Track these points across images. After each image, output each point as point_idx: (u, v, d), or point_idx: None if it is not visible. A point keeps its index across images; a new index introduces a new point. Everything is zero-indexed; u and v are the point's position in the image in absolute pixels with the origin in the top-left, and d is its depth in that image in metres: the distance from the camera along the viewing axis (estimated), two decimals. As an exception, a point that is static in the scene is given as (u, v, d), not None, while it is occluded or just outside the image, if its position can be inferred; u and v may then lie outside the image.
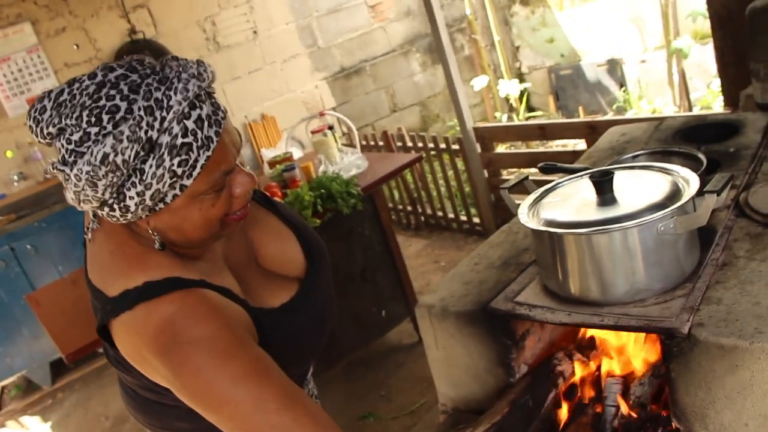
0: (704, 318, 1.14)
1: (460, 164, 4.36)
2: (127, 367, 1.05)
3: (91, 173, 0.86)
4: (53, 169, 0.91)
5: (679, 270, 1.24)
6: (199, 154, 0.90)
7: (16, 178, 4.53)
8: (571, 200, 1.35)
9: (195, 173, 0.91)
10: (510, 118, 6.16)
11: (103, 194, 0.89)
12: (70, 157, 0.88)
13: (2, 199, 4.45)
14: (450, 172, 4.46)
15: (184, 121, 0.89)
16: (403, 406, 2.99)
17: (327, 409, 1.38)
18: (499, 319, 1.40)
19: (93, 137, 0.86)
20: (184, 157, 0.89)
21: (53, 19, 4.60)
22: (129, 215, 0.93)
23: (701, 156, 1.58)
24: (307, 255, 1.23)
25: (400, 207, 5.00)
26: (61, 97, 0.89)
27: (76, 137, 0.87)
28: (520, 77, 6.72)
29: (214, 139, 0.92)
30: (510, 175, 4.37)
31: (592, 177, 1.30)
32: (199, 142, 0.90)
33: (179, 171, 0.89)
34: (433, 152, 4.46)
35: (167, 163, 0.88)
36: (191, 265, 1.03)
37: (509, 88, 5.85)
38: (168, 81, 0.90)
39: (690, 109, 4.60)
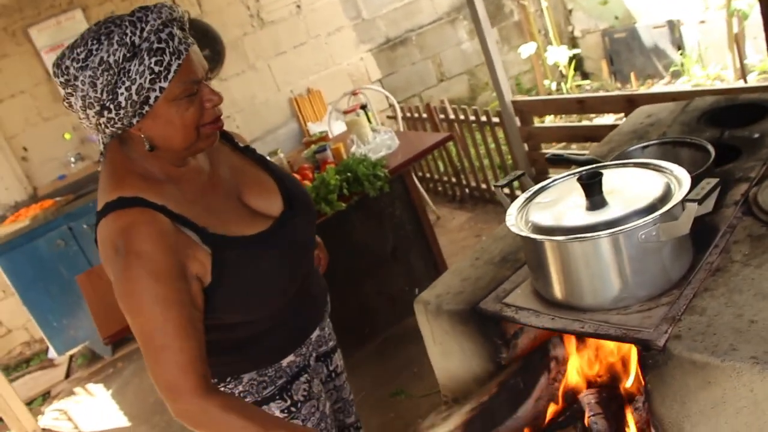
0: (683, 330, 1.11)
1: (501, 136, 4.29)
2: None
3: (92, 75, 1.11)
4: (62, 84, 1.15)
5: (665, 277, 1.21)
6: (171, 59, 1.14)
7: (73, 159, 4.76)
8: (561, 201, 1.33)
9: (170, 76, 1.14)
10: (559, 86, 5.98)
11: (101, 94, 1.12)
12: (78, 72, 1.12)
13: (61, 180, 4.69)
14: (492, 145, 4.40)
15: (159, 33, 1.13)
16: (434, 383, 3.00)
17: (361, 385, 1.47)
18: (489, 319, 1.40)
19: (94, 51, 1.11)
20: (159, 58, 1.12)
21: (102, 4, 4.75)
22: (122, 113, 1.15)
23: (710, 148, 1.51)
24: (286, 202, 1.42)
25: (445, 179, 4.98)
26: (74, 42, 1.15)
27: (82, 55, 1.11)
28: (573, 41, 6.49)
29: (183, 51, 1.16)
30: (549, 149, 4.28)
31: (580, 179, 1.27)
32: (172, 49, 1.14)
33: (156, 69, 1.12)
34: (474, 125, 4.40)
35: (147, 62, 1.12)
36: (161, 190, 1.24)
37: (558, 54, 5.67)
38: (147, 8, 1.15)
39: (744, 76, 4.34)
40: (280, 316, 1.41)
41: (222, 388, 1.39)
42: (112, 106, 1.14)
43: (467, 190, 4.79)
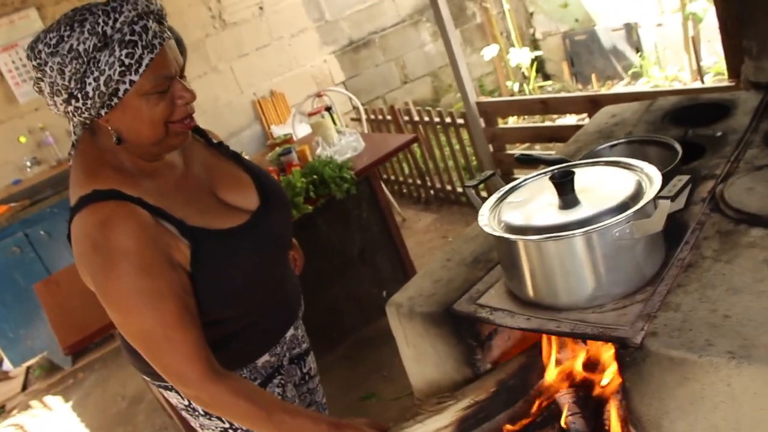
0: (659, 327, 1.11)
1: (466, 137, 4.31)
2: None
3: (60, 62, 1.08)
4: (34, 67, 1.13)
5: (639, 274, 1.21)
6: (144, 53, 1.10)
7: (29, 163, 4.61)
8: (533, 201, 1.32)
9: (141, 70, 1.11)
10: (522, 87, 6.04)
11: (69, 83, 1.10)
12: (48, 57, 1.09)
13: (17, 185, 4.53)
14: (457, 146, 4.41)
15: (133, 25, 1.10)
16: (405, 386, 2.98)
17: (329, 390, 1.46)
18: (464, 321, 1.39)
19: (65, 38, 1.08)
20: (130, 50, 1.09)
21: (58, 3, 4.61)
22: (89, 103, 1.12)
23: (677, 146, 1.53)
24: (262, 197, 1.41)
25: (410, 181, 4.97)
26: (50, 26, 1.13)
27: (54, 41, 1.09)
28: (534, 44, 6.57)
29: (157, 46, 1.12)
30: (514, 149, 4.31)
31: (552, 178, 1.26)
32: (144, 43, 1.11)
33: (127, 62, 1.09)
34: (439, 126, 4.41)
35: (117, 53, 1.08)
36: (137, 183, 1.21)
37: (520, 56, 5.72)
38: None
39: (701, 77, 4.45)
40: (256, 314, 1.40)
41: None
42: (79, 96, 1.12)
43: (432, 192, 4.80)
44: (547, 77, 6.53)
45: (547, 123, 4.69)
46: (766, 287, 1.12)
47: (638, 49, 5.69)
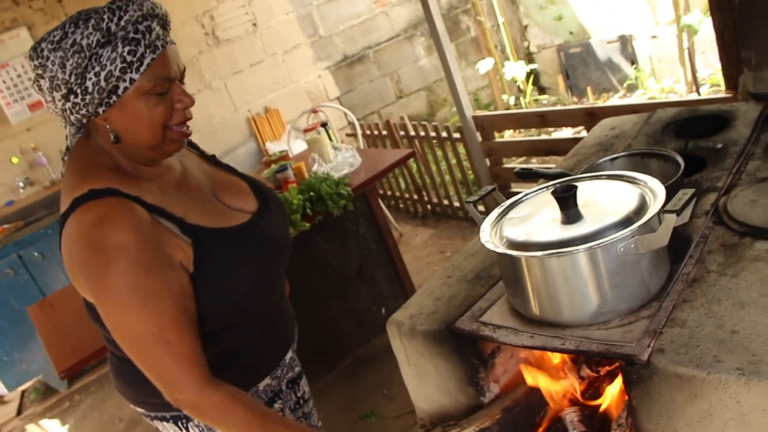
0: (666, 343, 1.09)
1: (463, 152, 4.29)
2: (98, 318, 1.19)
3: (62, 56, 1.08)
4: (35, 66, 1.12)
5: (644, 289, 1.19)
6: (146, 51, 1.10)
7: (21, 184, 4.57)
8: (535, 216, 1.31)
9: (142, 68, 1.11)
10: (517, 101, 6.04)
11: (69, 77, 1.09)
12: (50, 53, 1.09)
13: (9, 206, 4.49)
14: (453, 161, 4.40)
15: (137, 24, 1.11)
16: (405, 404, 2.96)
17: (329, 408, 1.41)
18: (466, 339, 1.36)
19: (69, 34, 1.09)
20: (133, 48, 1.09)
21: (49, 23, 4.60)
22: (88, 98, 1.10)
23: (679, 159, 1.51)
24: (260, 201, 1.41)
25: (407, 196, 4.95)
26: (54, 27, 1.13)
27: (57, 37, 1.09)
28: (529, 57, 6.58)
29: (160, 47, 1.13)
30: (511, 163, 4.30)
31: (554, 192, 1.25)
32: (147, 42, 1.11)
33: (129, 59, 1.09)
34: (435, 141, 4.40)
35: (120, 50, 1.09)
36: (134, 183, 1.19)
37: (515, 70, 5.73)
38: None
39: (697, 89, 4.45)
40: (258, 327, 1.37)
41: (197, 420, 1.34)
42: (78, 91, 1.11)
43: (429, 207, 4.77)
44: (542, 90, 6.54)
45: (544, 136, 4.69)
46: (773, 301, 1.10)
47: (633, 61, 5.70)
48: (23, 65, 4.52)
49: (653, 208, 1.15)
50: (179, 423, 1.37)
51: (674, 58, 5.15)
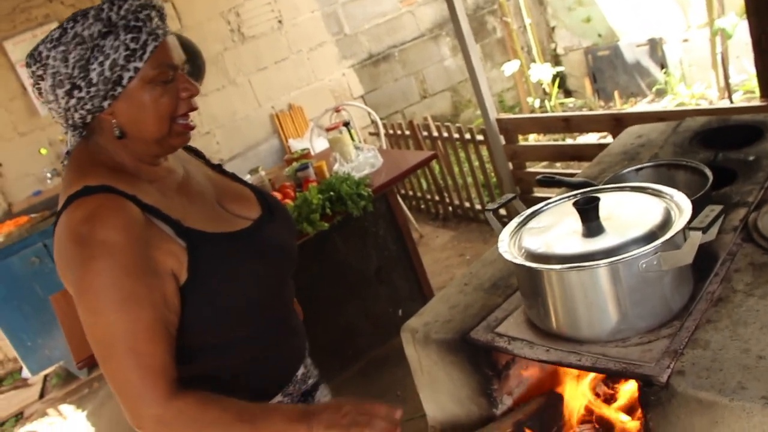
0: (686, 365, 1.05)
1: (485, 154, 4.25)
2: None
3: (64, 50, 1.07)
4: (33, 72, 1.11)
5: (665, 307, 1.15)
6: (148, 39, 1.10)
7: (49, 175, 4.64)
8: (556, 227, 1.27)
9: (146, 56, 1.10)
10: (543, 104, 5.97)
11: (72, 70, 1.07)
12: (50, 51, 1.08)
13: (37, 196, 4.56)
14: (476, 163, 4.36)
15: (137, 13, 1.10)
16: (418, 407, 2.92)
17: None
18: (480, 349, 1.33)
19: (69, 30, 1.08)
20: (135, 35, 1.09)
21: (80, 17, 4.65)
22: (93, 91, 1.09)
23: (707, 172, 1.46)
24: (265, 209, 1.36)
25: (428, 197, 4.92)
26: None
27: (56, 35, 1.08)
28: (556, 59, 6.50)
29: (160, 35, 1.12)
30: (534, 167, 4.24)
31: (576, 204, 1.21)
32: (149, 29, 1.11)
33: (132, 46, 1.08)
34: (458, 142, 4.36)
35: (122, 37, 1.08)
36: (133, 183, 1.15)
37: (541, 72, 5.66)
38: None
39: (729, 96, 4.35)
40: (264, 340, 1.31)
41: None
42: (82, 84, 1.09)
43: (450, 209, 4.74)
44: (568, 93, 6.46)
45: (568, 140, 4.62)
46: (802, 325, 1.05)
47: (663, 65, 5.60)
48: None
49: (678, 224, 1.11)
50: None
51: (706, 63, 5.04)
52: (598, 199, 1.20)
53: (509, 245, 1.27)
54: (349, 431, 1.10)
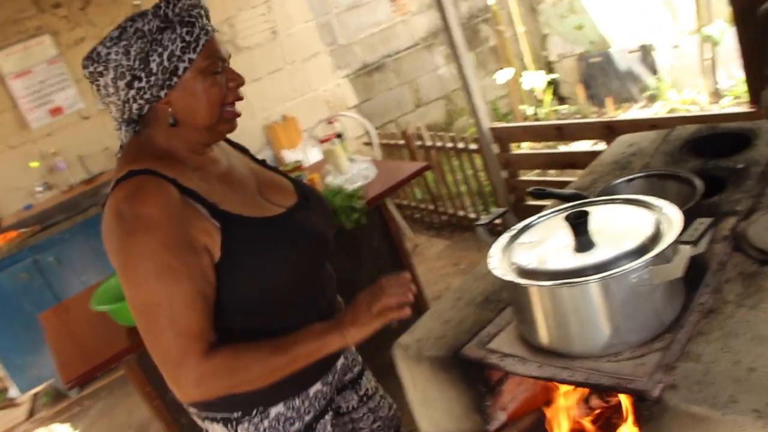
0: (679, 378, 1.05)
1: (479, 162, 4.25)
2: None
3: (126, 44, 1.16)
4: (91, 73, 1.20)
5: (657, 320, 1.15)
6: (200, 33, 1.19)
7: (40, 188, 4.61)
8: (547, 241, 1.27)
9: (199, 48, 1.19)
10: (536, 111, 5.99)
11: (134, 62, 1.16)
12: (110, 48, 1.17)
13: (27, 210, 4.54)
14: (470, 172, 4.36)
15: (190, 11, 1.21)
16: (410, 420, 2.92)
17: None
18: (473, 366, 1.33)
19: (128, 27, 1.17)
20: (189, 29, 1.18)
21: (72, 30, 4.65)
22: (152, 80, 1.18)
23: (697, 182, 1.46)
24: (301, 198, 1.43)
25: (423, 206, 4.92)
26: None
27: (116, 34, 1.17)
28: (549, 66, 6.52)
29: (210, 31, 1.23)
30: (528, 175, 4.24)
31: (567, 218, 1.21)
32: (200, 25, 1.21)
33: (187, 39, 1.18)
34: (452, 151, 4.36)
35: (178, 31, 1.17)
36: (174, 167, 1.23)
37: (534, 79, 5.68)
38: None
39: (718, 100, 4.37)
40: (300, 326, 1.32)
41: (246, 422, 1.35)
42: (143, 75, 1.18)
43: (445, 218, 4.74)
44: (562, 100, 6.48)
45: (562, 147, 4.63)
46: (794, 337, 1.05)
47: (654, 71, 5.63)
48: (46, 71, 4.58)
49: (668, 237, 1.11)
50: (228, 425, 1.36)
51: (696, 69, 5.07)
52: (587, 213, 1.20)
53: (500, 261, 1.27)
54: (372, 312, 1.26)
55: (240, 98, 1.29)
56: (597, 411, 1.35)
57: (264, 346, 1.21)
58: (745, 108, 2.91)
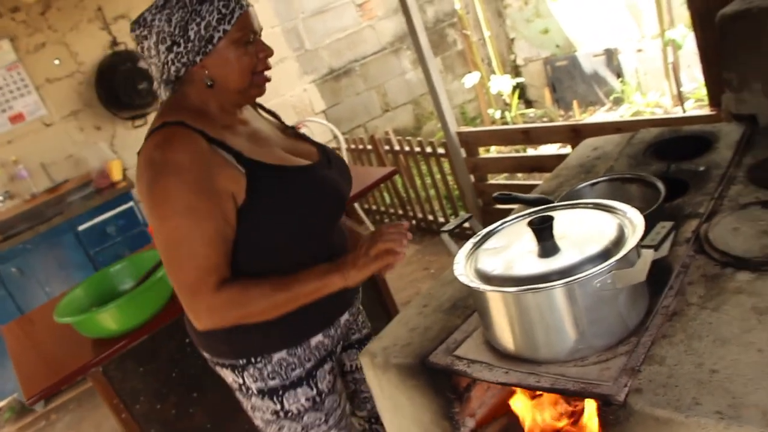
0: (644, 382, 1.05)
1: (447, 167, 4.26)
2: None
3: (169, 12, 1.29)
4: (137, 36, 1.34)
5: (622, 324, 1.15)
6: (235, 7, 1.31)
7: (1, 198, 4.48)
8: (511, 247, 1.27)
9: (233, 20, 1.30)
10: (503, 114, 6.03)
11: (175, 29, 1.29)
12: (155, 15, 1.30)
13: (-12, 220, 4.41)
14: (438, 176, 4.37)
15: None
16: (387, 425, 2.91)
17: None
18: (440, 373, 1.32)
19: None
20: (226, 2, 1.30)
21: (32, 35, 4.54)
22: (189, 46, 1.30)
23: (660, 185, 1.48)
24: (324, 158, 1.54)
25: (392, 210, 4.92)
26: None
27: (161, 2, 1.31)
28: (516, 70, 6.58)
29: (245, 5, 1.34)
30: (496, 179, 4.27)
31: (531, 224, 1.21)
32: (236, 0, 1.32)
33: (223, 11, 1.29)
34: (420, 156, 4.36)
35: (216, 4, 1.29)
36: (204, 121, 1.34)
37: (501, 84, 5.72)
38: None
39: (682, 103, 4.45)
40: None
41: (251, 368, 1.48)
42: (181, 41, 1.30)
43: (414, 222, 4.74)
44: (529, 103, 6.54)
45: (530, 150, 4.67)
46: (754, 338, 1.06)
47: (619, 74, 5.71)
48: (4, 77, 4.46)
49: (630, 242, 1.11)
50: (236, 371, 1.49)
51: (660, 72, 5.16)
52: (552, 218, 1.20)
53: (465, 267, 1.26)
54: (371, 254, 1.35)
55: (269, 67, 1.40)
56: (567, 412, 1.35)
57: (270, 282, 1.33)
58: (706, 111, 2.96)
